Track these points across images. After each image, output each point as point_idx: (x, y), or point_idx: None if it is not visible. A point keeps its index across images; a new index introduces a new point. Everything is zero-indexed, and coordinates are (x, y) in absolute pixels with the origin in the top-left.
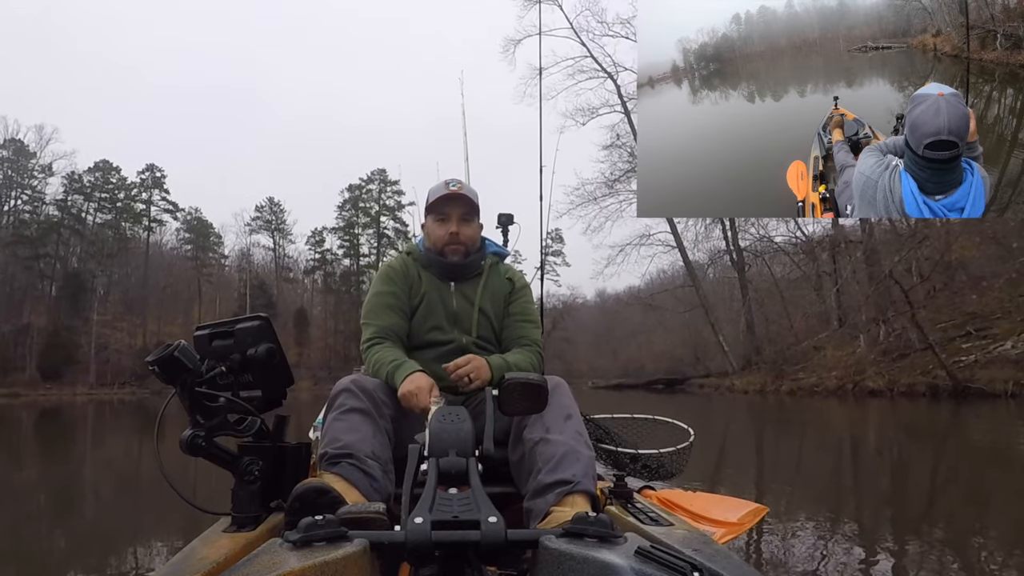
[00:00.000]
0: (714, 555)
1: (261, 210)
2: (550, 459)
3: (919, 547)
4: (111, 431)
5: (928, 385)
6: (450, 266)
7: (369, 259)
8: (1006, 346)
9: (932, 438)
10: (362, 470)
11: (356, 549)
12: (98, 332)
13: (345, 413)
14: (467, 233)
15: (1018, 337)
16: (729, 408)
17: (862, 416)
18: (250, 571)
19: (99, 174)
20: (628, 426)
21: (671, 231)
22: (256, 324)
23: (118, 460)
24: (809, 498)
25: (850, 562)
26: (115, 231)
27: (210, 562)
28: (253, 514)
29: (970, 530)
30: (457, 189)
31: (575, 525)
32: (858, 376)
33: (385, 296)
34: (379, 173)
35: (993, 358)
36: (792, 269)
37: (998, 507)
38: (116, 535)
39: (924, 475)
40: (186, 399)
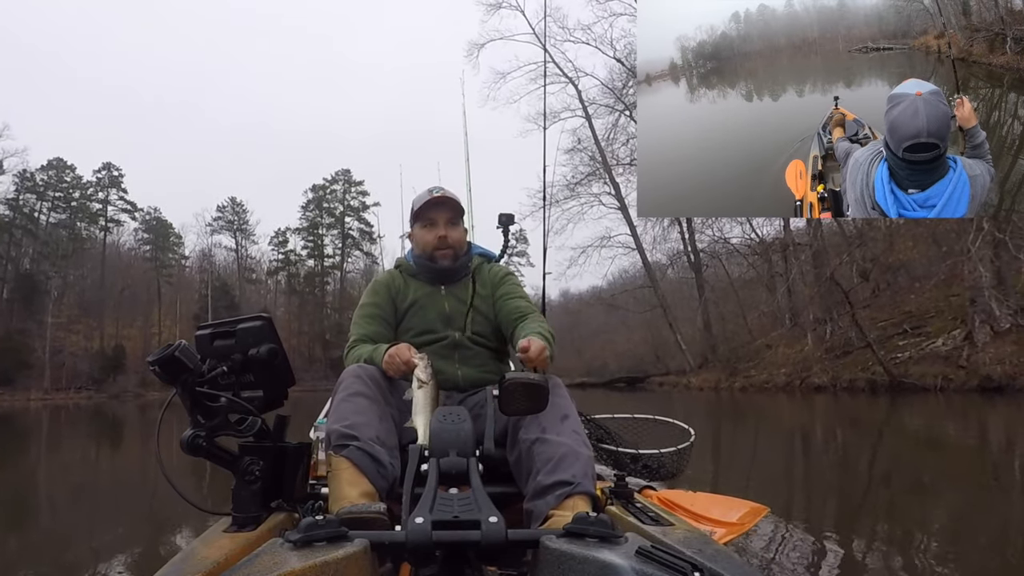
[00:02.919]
0: (715, 555)
1: (223, 210)
2: (549, 460)
3: (865, 529)
4: (68, 437)
5: (867, 381)
6: (440, 271)
7: (334, 260)
8: (937, 343)
9: (871, 430)
10: (369, 454)
11: (356, 549)
12: (53, 335)
13: (352, 396)
14: (454, 236)
15: (948, 335)
16: (686, 405)
17: (808, 411)
18: (251, 571)
19: (53, 172)
20: (628, 426)
21: (631, 233)
22: (258, 324)
23: (75, 466)
24: (764, 488)
25: (803, 546)
26: (70, 231)
27: (211, 562)
28: (254, 514)
29: (910, 512)
30: (441, 195)
31: (576, 525)
32: (805, 373)
33: (368, 307)
34: (343, 173)
35: (925, 354)
36: (747, 270)
37: (934, 490)
38: (66, 549)
39: (865, 463)
40: (187, 399)
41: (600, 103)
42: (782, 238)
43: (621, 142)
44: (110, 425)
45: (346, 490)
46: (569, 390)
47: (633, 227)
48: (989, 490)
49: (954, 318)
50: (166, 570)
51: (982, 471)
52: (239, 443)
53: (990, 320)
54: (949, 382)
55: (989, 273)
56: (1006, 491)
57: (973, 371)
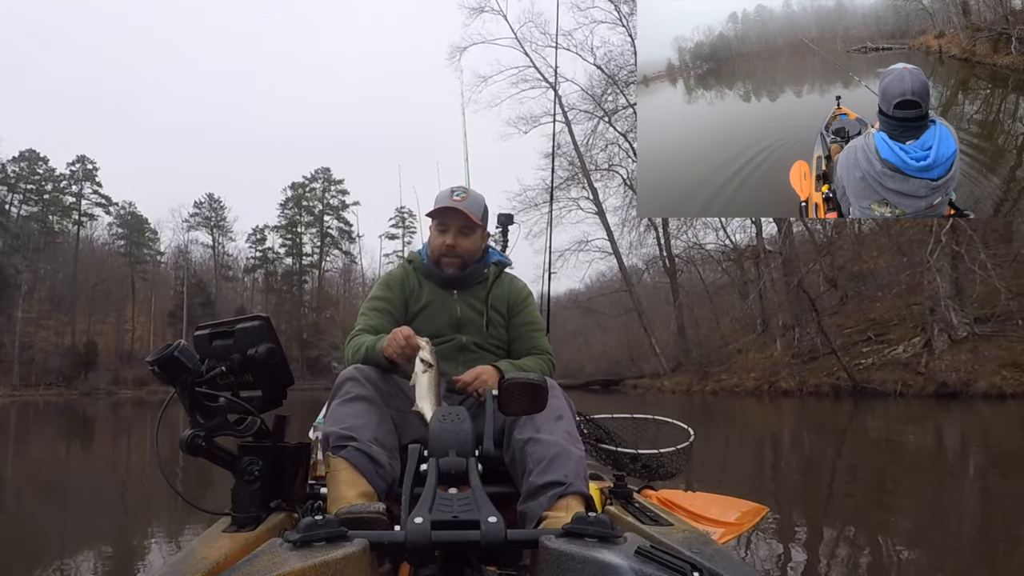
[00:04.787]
0: (714, 555)
1: (200, 206)
2: (541, 459)
3: (832, 524)
4: (36, 435)
5: (832, 386)
6: (450, 278)
7: (312, 258)
8: (898, 350)
9: (835, 433)
10: (367, 455)
11: (356, 549)
12: (22, 330)
13: (350, 400)
14: (464, 246)
15: (909, 342)
16: (659, 407)
17: (776, 414)
18: (250, 571)
19: (25, 164)
20: (627, 426)
21: (608, 237)
22: (256, 324)
23: (45, 464)
24: (736, 486)
25: (774, 539)
26: (42, 224)
27: (210, 562)
28: (253, 514)
29: (874, 508)
30: (460, 201)
31: (575, 525)
32: (773, 377)
33: (378, 301)
34: (323, 172)
35: (887, 361)
36: (721, 276)
37: (894, 488)
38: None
39: (829, 464)
40: (186, 399)
41: (580, 108)
42: (754, 245)
43: (600, 148)
44: (81, 423)
45: (344, 490)
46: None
47: (610, 231)
48: (947, 485)
49: (915, 326)
50: (166, 570)
51: (939, 470)
52: (238, 443)
53: (948, 329)
54: (908, 388)
55: (947, 284)
56: (960, 486)
57: (931, 377)
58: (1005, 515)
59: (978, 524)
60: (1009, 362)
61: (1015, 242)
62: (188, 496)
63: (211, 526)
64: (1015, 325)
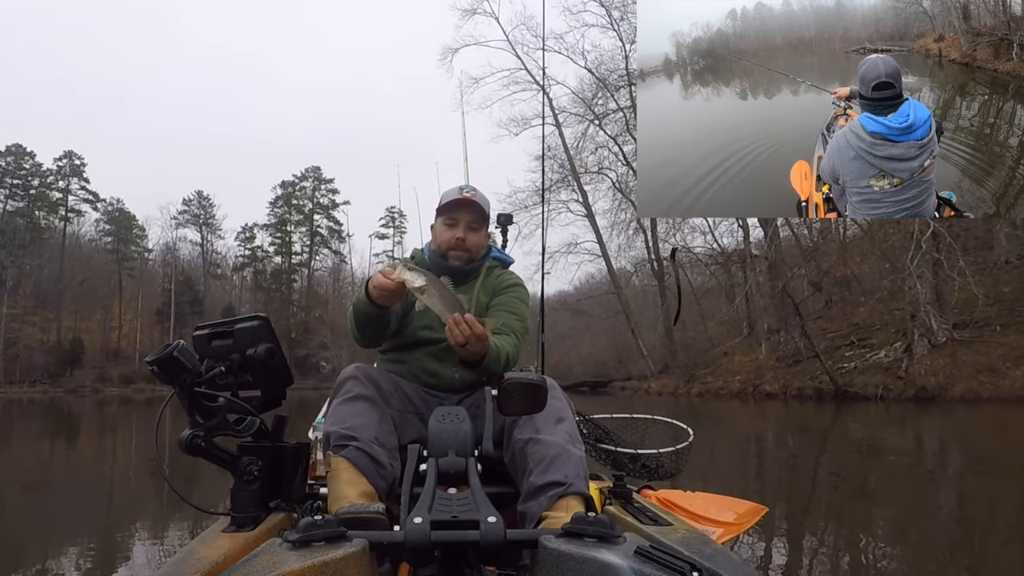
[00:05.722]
0: (713, 555)
1: (189, 204)
2: (541, 460)
3: (816, 523)
4: (19, 432)
5: (815, 389)
6: (450, 270)
7: (301, 257)
8: (880, 355)
9: (818, 435)
10: (368, 454)
11: (355, 549)
12: (7, 327)
13: (351, 400)
14: (473, 240)
15: (890, 347)
16: (646, 409)
17: (760, 416)
18: (250, 571)
19: (11, 159)
20: (627, 426)
21: (597, 240)
22: (256, 324)
23: (28, 463)
24: (727, 487)
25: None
26: (28, 220)
27: (210, 562)
28: (252, 514)
29: (856, 508)
30: (470, 196)
31: (574, 525)
32: (758, 380)
33: None
34: (313, 171)
35: (868, 365)
36: (708, 279)
37: (876, 489)
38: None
39: (811, 465)
40: (185, 399)
41: (570, 111)
42: (741, 249)
43: (590, 151)
44: (66, 420)
45: (345, 490)
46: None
47: (599, 234)
48: (925, 484)
49: (896, 331)
50: (165, 570)
51: (919, 470)
52: (238, 443)
53: (928, 334)
54: (889, 391)
55: (927, 289)
56: (938, 486)
57: (911, 382)
58: (982, 512)
59: (958, 519)
60: (986, 367)
61: (996, 250)
62: (186, 496)
63: (210, 526)
64: (992, 331)
